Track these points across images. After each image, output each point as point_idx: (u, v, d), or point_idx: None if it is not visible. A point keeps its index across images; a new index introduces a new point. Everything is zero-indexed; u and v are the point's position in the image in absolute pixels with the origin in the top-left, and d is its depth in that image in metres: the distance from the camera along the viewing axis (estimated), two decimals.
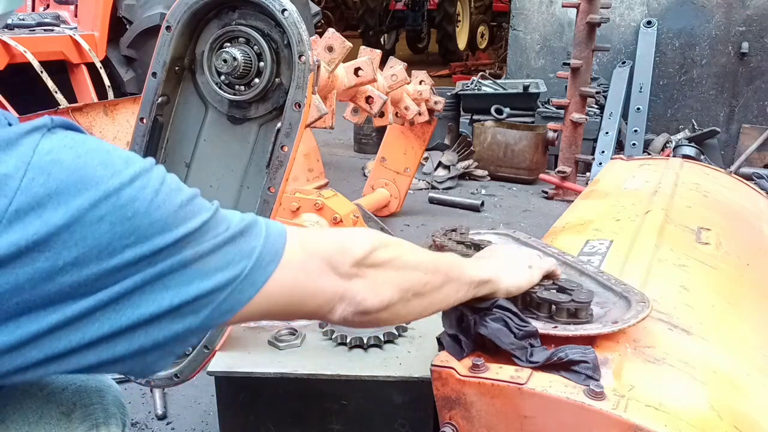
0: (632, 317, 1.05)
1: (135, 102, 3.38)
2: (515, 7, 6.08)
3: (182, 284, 0.68)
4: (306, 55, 1.18)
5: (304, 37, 1.18)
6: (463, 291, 0.98)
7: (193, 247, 0.69)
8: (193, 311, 0.69)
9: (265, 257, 0.74)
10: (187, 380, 1.34)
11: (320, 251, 0.81)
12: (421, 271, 0.91)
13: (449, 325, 1.08)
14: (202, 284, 0.69)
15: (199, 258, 0.69)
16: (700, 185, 2.07)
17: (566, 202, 4.20)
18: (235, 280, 0.71)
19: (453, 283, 0.97)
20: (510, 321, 1.03)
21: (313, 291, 0.80)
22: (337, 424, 1.22)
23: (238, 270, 0.72)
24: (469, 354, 1.04)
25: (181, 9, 1.22)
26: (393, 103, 3.25)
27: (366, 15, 11.76)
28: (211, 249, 0.70)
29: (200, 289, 0.69)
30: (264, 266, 0.74)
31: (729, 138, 5.49)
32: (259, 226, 0.77)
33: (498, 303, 1.06)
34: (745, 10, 5.27)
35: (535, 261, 1.13)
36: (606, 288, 1.21)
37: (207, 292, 0.70)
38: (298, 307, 0.81)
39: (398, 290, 0.87)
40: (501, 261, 1.10)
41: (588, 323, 1.07)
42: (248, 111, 1.28)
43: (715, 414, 0.96)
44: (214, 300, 0.70)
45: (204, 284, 0.69)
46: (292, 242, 0.78)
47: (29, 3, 4.78)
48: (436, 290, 0.94)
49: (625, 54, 5.61)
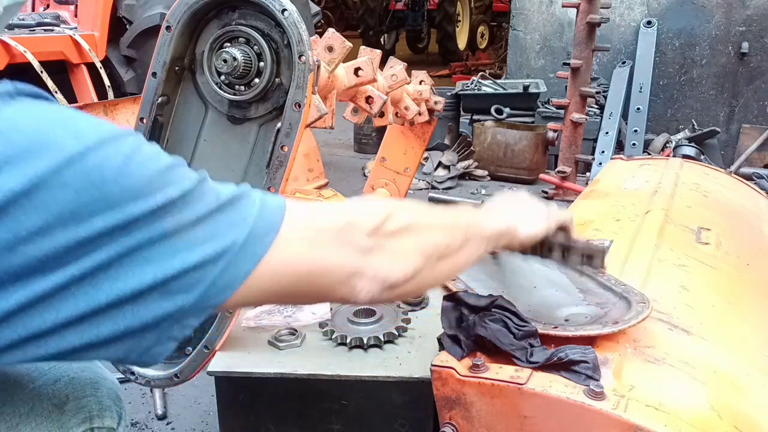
0: (633, 318, 1.05)
1: (135, 102, 3.38)
2: (515, 7, 6.08)
3: (165, 257, 0.63)
4: (306, 55, 1.18)
5: (304, 37, 1.18)
6: (483, 246, 0.94)
7: (174, 216, 0.63)
8: (182, 288, 0.64)
9: (260, 228, 0.69)
10: (187, 380, 1.34)
11: (327, 225, 0.76)
12: (441, 232, 0.86)
13: (449, 326, 1.08)
14: (187, 257, 0.64)
15: (182, 229, 0.64)
16: (700, 185, 2.07)
17: (566, 202, 4.20)
18: (226, 253, 0.66)
19: (474, 240, 0.91)
20: (509, 321, 1.03)
21: (323, 268, 0.74)
22: (337, 424, 1.22)
23: (228, 241, 0.66)
24: (469, 354, 1.04)
25: (181, 9, 1.22)
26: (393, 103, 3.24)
27: (366, 15, 11.75)
28: (196, 219, 0.65)
29: (186, 263, 0.64)
30: (260, 237, 0.69)
31: (729, 138, 5.48)
32: (253, 196, 0.71)
33: (497, 303, 1.06)
34: (745, 10, 5.26)
35: (550, 210, 1.09)
36: (606, 288, 1.21)
37: (195, 266, 0.64)
38: (308, 286, 0.75)
39: (422, 257, 0.82)
40: (516, 210, 1.05)
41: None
42: (248, 111, 1.28)
43: (715, 414, 0.96)
44: (206, 275, 0.65)
45: (190, 257, 0.64)
46: (292, 214, 0.73)
47: (29, 3, 4.78)
48: (459, 250, 0.88)
49: (625, 54, 5.61)
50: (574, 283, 1.29)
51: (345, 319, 1.34)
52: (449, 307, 1.10)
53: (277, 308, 1.39)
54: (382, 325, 1.32)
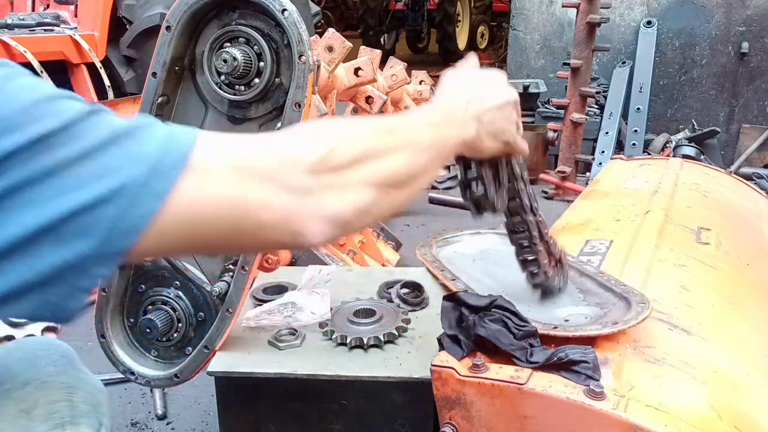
0: (632, 318, 1.05)
1: (135, 102, 3.38)
2: (515, 7, 6.08)
3: (50, 197, 0.55)
4: (306, 55, 1.18)
5: (304, 37, 1.18)
6: (441, 160, 0.85)
7: (57, 150, 0.56)
8: (77, 232, 0.57)
9: (166, 161, 0.60)
10: (187, 380, 1.34)
11: (254, 163, 0.66)
12: (397, 157, 0.76)
13: (449, 326, 1.08)
14: (77, 196, 0.56)
15: (67, 165, 0.56)
16: (700, 185, 2.07)
17: (566, 202, 4.20)
18: (125, 191, 0.58)
19: (437, 160, 0.83)
20: (509, 321, 1.03)
21: (249, 210, 0.65)
22: (337, 424, 1.22)
23: (126, 177, 0.58)
24: (469, 354, 1.04)
25: (181, 9, 1.22)
26: (393, 103, 3.25)
27: (366, 15, 11.76)
28: (84, 153, 0.57)
29: (76, 202, 0.56)
30: (165, 172, 0.60)
31: (729, 138, 5.49)
32: (157, 127, 0.63)
33: (497, 303, 1.06)
34: (745, 10, 5.26)
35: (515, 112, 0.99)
36: (606, 289, 1.21)
37: (87, 206, 0.56)
38: (233, 231, 0.66)
39: (374, 189, 0.72)
40: (482, 102, 0.93)
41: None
42: (248, 111, 1.28)
43: (715, 414, 0.96)
44: (103, 217, 0.57)
45: (80, 196, 0.56)
46: (207, 146, 0.64)
47: (29, 3, 4.78)
48: (416, 175, 0.79)
49: (625, 54, 5.61)
50: (573, 283, 1.29)
51: (345, 319, 1.34)
52: (449, 307, 1.10)
53: (277, 308, 1.39)
54: (382, 325, 1.32)
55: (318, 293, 1.42)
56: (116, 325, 1.34)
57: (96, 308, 1.33)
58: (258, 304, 1.46)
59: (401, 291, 1.46)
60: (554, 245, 1.23)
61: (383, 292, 1.49)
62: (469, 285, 1.38)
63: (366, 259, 2.77)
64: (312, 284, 1.48)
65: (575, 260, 1.37)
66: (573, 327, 1.06)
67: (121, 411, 2.05)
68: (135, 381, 1.37)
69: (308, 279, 1.50)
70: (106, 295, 1.31)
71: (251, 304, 1.46)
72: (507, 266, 1.46)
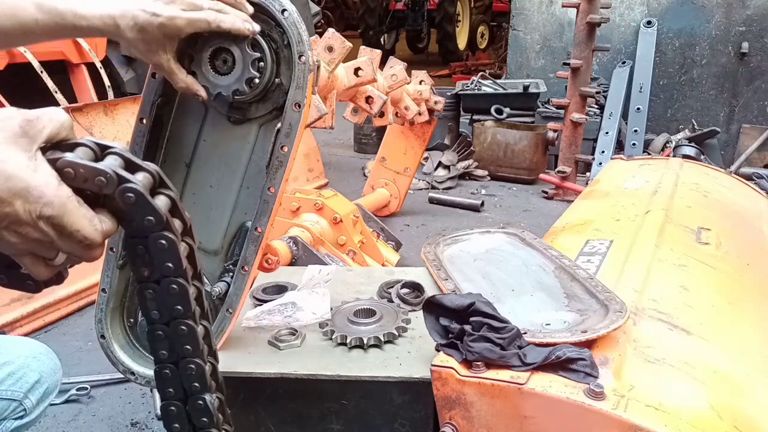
0: (603, 327, 1.06)
1: (135, 102, 3.38)
2: (515, 7, 6.08)
3: None
4: (306, 55, 1.18)
5: (304, 37, 1.18)
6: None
7: None
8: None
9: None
10: None
11: None
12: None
13: (439, 337, 1.09)
14: None
15: None
16: (700, 185, 2.07)
17: (566, 202, 4.20)
18: None
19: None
20: (492, 333, 1.03)
21: None
22: (337, 424, 1.22)
23: None
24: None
25: None
26: (393, 103, 3.25)
27: (366, 15, 11.77)
28: None
29: None
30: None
31: (729, 138, 5.49)
32: None
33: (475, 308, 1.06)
34: (745, 10, 5.27)
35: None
36: (591, 295, 1.22)
37: None
38: None
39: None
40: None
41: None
42: (248, 111, 1.28)
43: (715, 414, 0.96)
44: None
45: None
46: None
47: None
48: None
49: (625, 54, 5.62)
50: (563, 288, 1.29)
51: (345, 319, 1.34)
52: (432, 319, 1.11)
53: (277, 308, 1.39)
54: (382, 325, 1.32)
55: (318, 293, 1.42)
56: (116, 326, 1.34)
57: (96, 308, 1.32)
58: (258, 304, 1.46)
59: (401, 291, 1.46)
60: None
61: (383, 292, 1.49)
62: (460, 285, 1.39)
63: (366, 259, 2.77)
64: (312, 284, 1.48)
65: (570, 264, 1.37)
66: (541, 334, 1.07)
67: (121, 411, 2.05)
68: (135, 381, 1.37)
69: (308, 279, 1.50)
70: (106, 295, 1.31)
71: (251, 304, 1.46)
72: (503, 267, 1.46)
